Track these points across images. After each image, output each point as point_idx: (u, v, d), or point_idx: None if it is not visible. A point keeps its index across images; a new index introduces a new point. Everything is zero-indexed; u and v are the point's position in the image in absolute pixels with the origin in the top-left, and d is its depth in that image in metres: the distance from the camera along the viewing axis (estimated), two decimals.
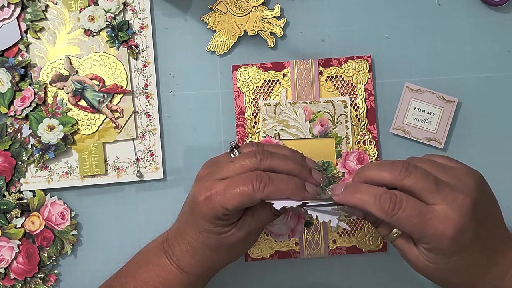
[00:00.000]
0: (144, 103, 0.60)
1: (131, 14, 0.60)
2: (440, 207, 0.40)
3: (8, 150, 0.60)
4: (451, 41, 0.60)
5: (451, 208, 0.40)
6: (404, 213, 0.40)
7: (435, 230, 0.40)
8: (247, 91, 0.60)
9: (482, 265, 0.43)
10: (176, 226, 0.51)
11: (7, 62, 0.60)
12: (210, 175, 0.46)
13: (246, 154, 0.46)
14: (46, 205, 0.60)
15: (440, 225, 0.40)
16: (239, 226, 0.46)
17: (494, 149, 0.60)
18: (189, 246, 0.48)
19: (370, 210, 0.42)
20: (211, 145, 0.61)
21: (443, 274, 0.43)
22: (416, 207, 0.41)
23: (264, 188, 0.43)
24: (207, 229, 0.46)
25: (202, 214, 0.45)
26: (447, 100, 0.59)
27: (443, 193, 0.41)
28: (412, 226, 0.41)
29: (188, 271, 0.49)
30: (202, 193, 0.45)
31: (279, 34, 0.60)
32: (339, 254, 0.59)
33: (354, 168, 0.58)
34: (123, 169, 0.60)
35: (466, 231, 0.41)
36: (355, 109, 0.59)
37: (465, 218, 0.40)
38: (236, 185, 0.44)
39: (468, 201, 0.41)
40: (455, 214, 0.40)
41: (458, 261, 0.42)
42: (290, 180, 0.45)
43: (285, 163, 0.46)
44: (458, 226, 0.40)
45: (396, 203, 0.41)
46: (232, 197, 0.43)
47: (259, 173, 0.44)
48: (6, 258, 0.59)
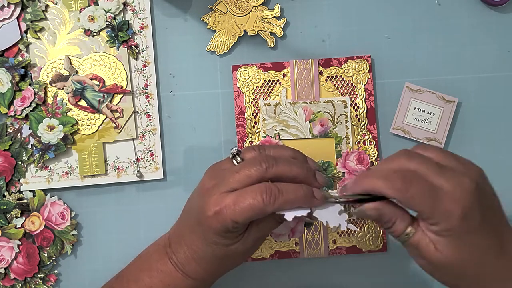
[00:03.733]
0: (144, 103, 0.60)
1: (131, 14, 0.60)
2: (447, 187, 0.41)
3: (8, 150, 0.60)
4: (451, 41, 0.60)
5: (458, 190, 0.41)
6: (415, 190, 0.41)
7: (444, 208, 0.41)
8: (247, 91, 0.60)
9: (494, 251, 0.43)
10: (178, 232, 0.50)
11: (7, 62, 0.60)
12: (216, 187, 0.46)
13: (250, 163, 0.46)
14: (46, 205, 0.60)
15: (449, 204, 0.41)
16: (245, 236, 0.47)
17: (494, 149, 0.60)
18: (195, 255, 0.48)
19: (382, 191, 0.42)
20: (211, 145, 0.61)
21: (457, 263, 0.43)
22: (426, 185, 0.42)
23: (275, 201, 0.44)
24: (216, 241, 0.46)
25: (212, 228, 0.45)
26: (447, 100, 0.59)
27: (448, 175, 0.42)
28: (423, 204, 0.41)
29: (194, 277, 0.49)
30: (211, 208, 0.44)
31: (279, 34, 0.60)
32: (339, 254, 0.59)
33: (354, 168, 0.59)
34: (123, 169, 0.60)
35: (473, 213, 0.41)
36: (355, 109, 0.59)
37: (471, 199, 0.41)
38: (246, 199, 0.44)
39: (474, 185, 0.42)
40: (462, 195, 0.41)
41: (470, 245, 0.42)
42: (299, 189, 0.45)
43: (290, 168, 0.46)
44: (465, 206, 0.41)
45: (406, 181, 0.41)
46: (242, 212, 0.43)
47: (268, 185, 0.44)
48: (6, 258, 0.59)
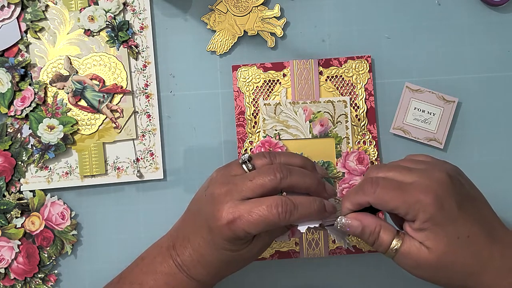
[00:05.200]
0: (144, 103, 0.60)
1: (131, 14, 0.60)
2: (418, 181, 0.43)
3: (8, 150, 0.60)
4: (451, 41, 0.60)
5: (428, 180, 0.43)
6: (384, 189, 0.43)
7: (416, 198, 0.42)
8: (247, 91, 0.60)
9: (483, 236, 0.43)
10: (183, 234, 0.50)
11: (7, 62, 0.60)
12: (228, 194, 0.45)
13: (264, 172, 0.46)
14: (46, 205, 0.60)
15: (421, 193, 0.42)
16: (254, 242, 0.47)
17: (494, 149, 0.60)
18: (201, 258, 0.48)
19: (356, 200, 0.44)
20: (211, 145, 0.61)
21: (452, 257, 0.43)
22: (394, 183, 0.43)
23: (290, 216, 0.44)
24: (224, 247, 0.46)
25: (223, 235, 0.45)
26: (447, 100, 0.59)
27: (417, 173, 0.43)
28: (393, 200, 0.42)
29: (199, 280, 0.49)
30: (224, 216, 0.44)
31: (279, 34, 0.60)
32: (339, 254, 0.59)
33: (354, 168, 0.59)
34: (123, 169, 0.60)
35: (448, 199, 0.42)
36: (355, 109, 0.59)
37: (443, 187, 0.42)
38: (261, 211, 0.44)
39: (444, 175, 0.43)
40: (431, 184, 0.42)
41: (455, 232, 0.42)
42: (312, 204, 0.46)
43: (304, 180, 0.46)
44: (437, 193, 0.42)
45: (374, 184, 0.43)
46: (257, 224, 0.44)
47: (284, 200, 0.44)
48: (6, 258, 0.59)
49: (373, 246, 0.45)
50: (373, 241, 0.44)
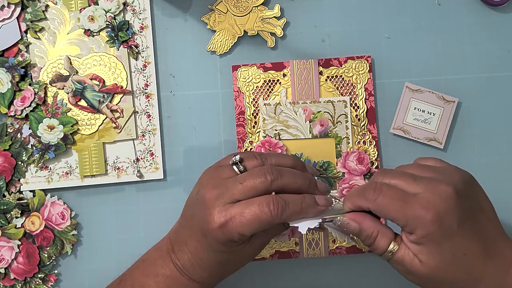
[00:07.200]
0: (144, 103, 0.60)
1: (131, 14, 0.61)
2: (422, 194, 0.42)
3: (8, 150, 0.60)
4: (451, 41, 0.60)
5: (432, 194, 0.42)
6: (385, 198, 0.42)
7: (416, 213, 0.41)
8: (247, 91, 0.60)
9: (479, 254, 0.42)
10: (180, 238, 0.50)
11: (7, 62, 0.60)
12: (220, 198, 0.45)
13: (255, 174, 0.46)
14: (46, 205, 0.60)
15: (422, 209, 0.41)
16: (251, 242, 0.47)
17: (494, 149, 0.60)
18: (200, 261, 0.48)
19: (357, 204, 0.44)
20: (211, 145, 0.61)
21: (444, 273, 0.43)
22: (397, 193, 0.43)
23: (282, 213, 0.44)
24: (221, 250, 0.46)
25: (217, 239, 0.45)
26: (447, 100, 0.59)
27: (423, 184, 0.43)
28: (394, 210, 0.42)
29: (200, 281, 0.49)
30: (216, 220, 0.44)
31: (279, 34, 0.60)
32: (339, 254, 0.59)
33: (354, 168, 0.59)
34: (123, 169, 0.60)
35: (449, 217, 0.41)
36: (355, 109, 0.59)
37: (447, 203, 0.41)
38: (253, 211, 0.44)
39: (451, 189, 0.42)
40: (436, 199, 0.41)
41: (451, 250, 0.42)
42: (303, 200, 0.46)
43: (295, 181, 0.46)
44: (439, 210, 0.41)
45: (377, 190, 0.43)
46: (249, 224, 0.44)
47: (275, 198, 0.44)
48: (6, 258, 0.59)
49: (369, 248, 0.45)
50: (370, 244, 0.45)
